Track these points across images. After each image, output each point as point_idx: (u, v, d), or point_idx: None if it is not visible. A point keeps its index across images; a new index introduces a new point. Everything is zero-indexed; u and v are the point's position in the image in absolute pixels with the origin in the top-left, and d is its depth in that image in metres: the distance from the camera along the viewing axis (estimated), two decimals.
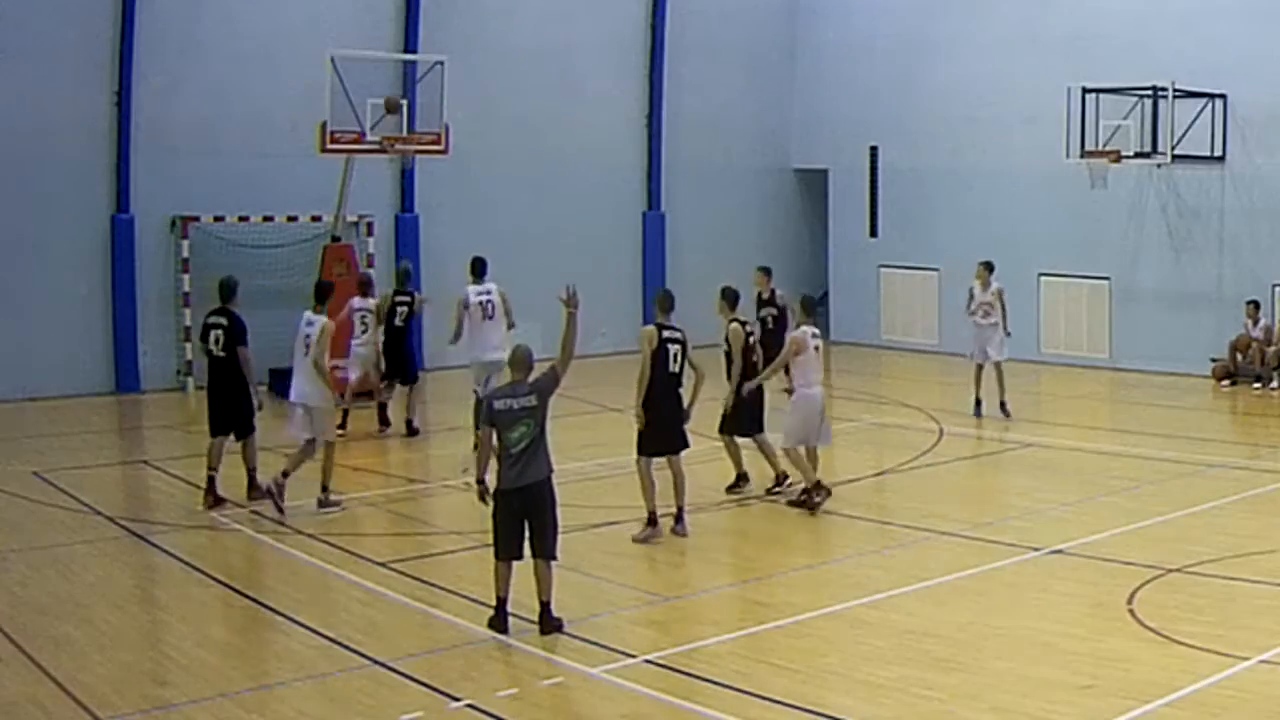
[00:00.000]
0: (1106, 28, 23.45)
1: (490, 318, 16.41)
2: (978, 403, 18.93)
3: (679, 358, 12.38)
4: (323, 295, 14.33)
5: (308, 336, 13.87)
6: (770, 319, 18.49)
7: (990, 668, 9.03)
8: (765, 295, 18.77)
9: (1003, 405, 18.78)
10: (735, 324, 13.90)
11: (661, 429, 12.36)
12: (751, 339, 14.10)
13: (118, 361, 21.52)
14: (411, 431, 18.12)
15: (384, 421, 18.46)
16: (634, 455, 12.53)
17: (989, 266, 19.37)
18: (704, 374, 12.60)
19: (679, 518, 12.53)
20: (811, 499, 13.43)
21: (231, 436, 14.09)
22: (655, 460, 12.46)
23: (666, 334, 12.34)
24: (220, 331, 13.96)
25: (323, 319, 13.94)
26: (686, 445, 12.63)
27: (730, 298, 14.13)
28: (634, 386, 12.47)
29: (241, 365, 13.86)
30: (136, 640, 9.98)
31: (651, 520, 12.36)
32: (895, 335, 27.40)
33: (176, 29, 21.52)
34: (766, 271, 19.18)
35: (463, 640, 9.71)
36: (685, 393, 12.57)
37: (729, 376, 13.78)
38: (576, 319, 10.25)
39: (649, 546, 12.26)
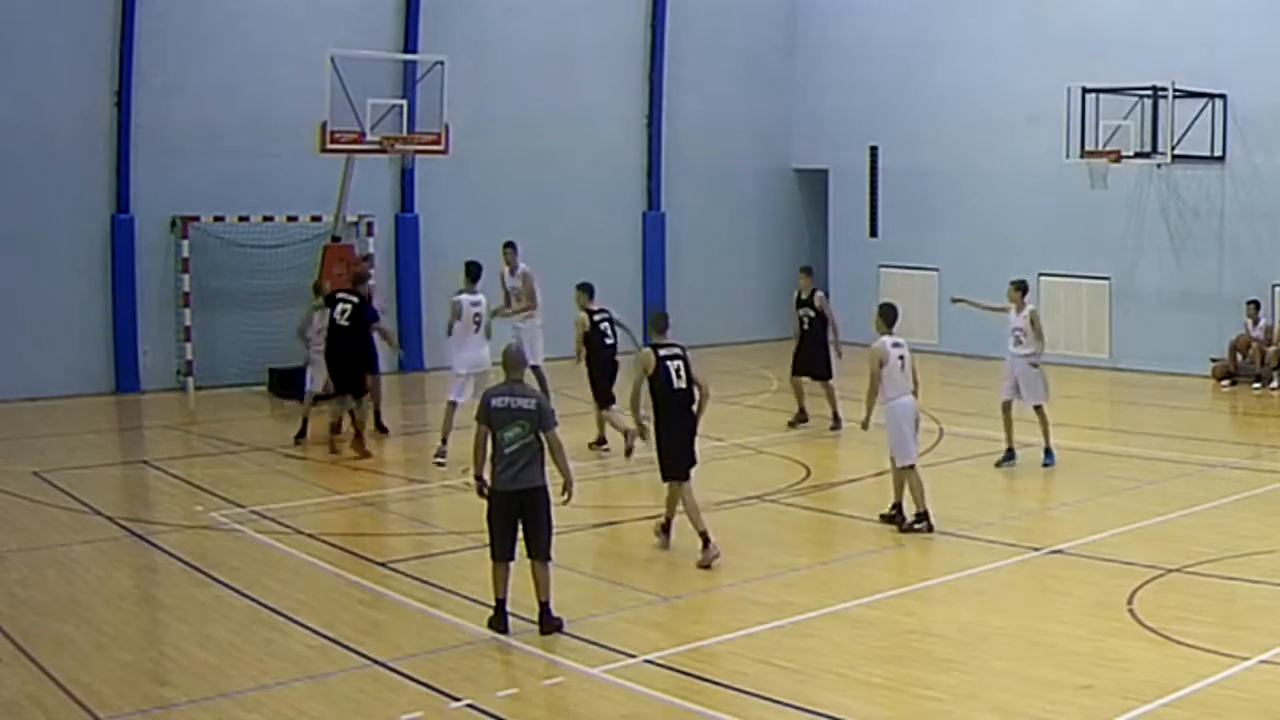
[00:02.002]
0: (1106, 28, 23.45)
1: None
2: (1009, 453, 15.66)
3: (681, 373, 11.97)
4: (476, 274, 16.36)
5: (477, 314, 15.99)
6: (807, 320, 18.42)
7: (990, 668, 9.03)
8: (804, 296, 18.52)
9: (1047, 451, 15.77)
10: (583, 313, 16.27)
11: (679, 448, 11.97)
12: (602, 326, 16.30)
13: (118, 361, 21.52)
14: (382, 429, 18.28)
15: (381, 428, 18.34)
16: (659, 475, 12.24)
17: (1020, 286, 15.97)
18: (709, 391, 12.29)
19: (705, 542, 11.74)
20: (896, 516, 12.86)
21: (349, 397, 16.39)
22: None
23: (664, 352, 11.99)
24: (349, 306, 16.38)
25: (483, 295, 16.21)
26: (694, 464, 12.18)
27: (586, 290, 16.53)
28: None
29: (374, 334, 16.66)
30: (136, 640, 9.98)
31: (666, 528, 12.21)
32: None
33: (177, 29, 21.52)
34: (807, 272, 18.97)
35: (463, 640, 9.71)
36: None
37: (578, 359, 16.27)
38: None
39: (649, 547, 12.25)
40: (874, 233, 27.93)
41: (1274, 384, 21.45)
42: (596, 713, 8.46)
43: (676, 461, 11.94)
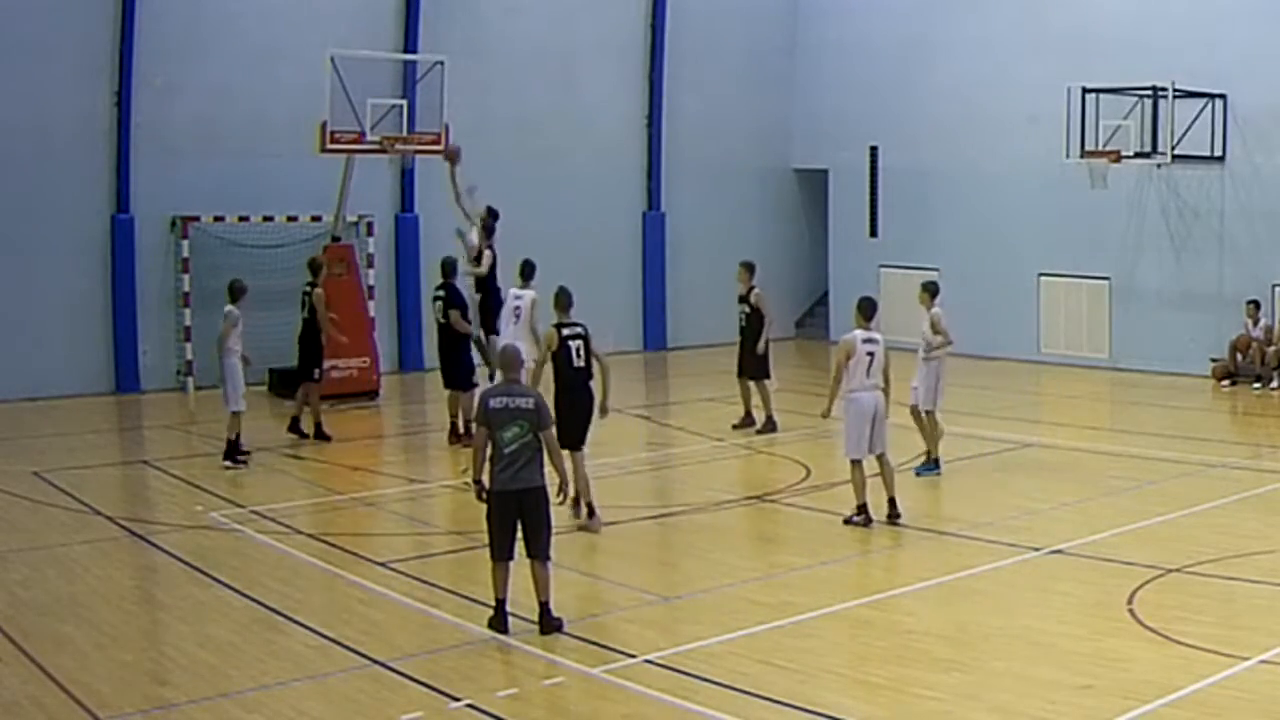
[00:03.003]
0: (1106, 28, 23.45)
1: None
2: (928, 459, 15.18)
3: (581, 352, 12.72)
4: (529, 273, 16.30)
5: (518, 308, 16.05)
6: (743, 317, 18.09)
7: (990, 668, 9.03)
8: (743, 292, 18.12)
9: (933, 461, 15.24)
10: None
11: (571, 422, 12.57)
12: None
13: (118, 361, 21.51)
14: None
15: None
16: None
17: (926, 288, 15.59)
18: (608, 365, 13.07)
19: (590, 512, 12.74)
20: (853, 517, 12.81)
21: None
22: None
23: (567, 331, 12.76)
24: (440, 301, 16.88)
25: (531, 293, 16.02)
26: (583, 442, 12.83)
27: (447, 268, 17.05)
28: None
29: (454, 326, 16.68)
30: (136, 640, 9.98)
31: (576, 501, 12.74)
32: (895, 335, 27.04)
33: (176, 29, 21.51)
34: (747, 267, 18.23)
35: (463, 640, 9.71)
36: (596, 386, 12.99)
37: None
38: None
39: (649, 547, 12.28)
40: (874, 233, 27.93)
41: (1274, 384, 21.44)
42: (596, 713, 8.45)
43: (569, 434, 12.47)
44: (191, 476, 15.48)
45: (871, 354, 12.95)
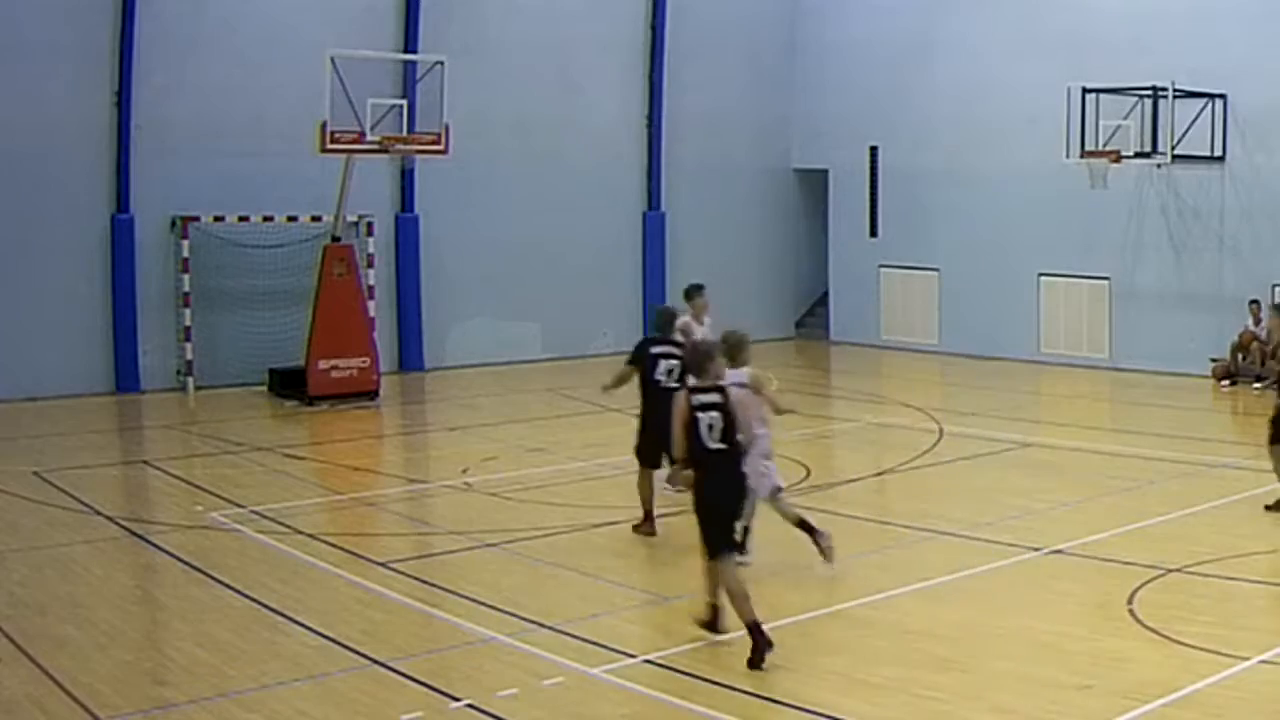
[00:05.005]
0: (1106, 28, 23.46)
1: None
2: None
3: None
4: None
5: None
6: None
7: (990, 668, 9.03)
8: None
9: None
10: None
11: None
12: None
13: (118, 361, 21.51)
14: None
15: None
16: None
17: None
18: None
19: None
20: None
21: None
22: None
23: None
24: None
25: None
26: None
27: None
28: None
29: None
30: (136, 640, 9.98)
31: None
32: (895, 335, 27.41)
33: (176, 29, 21.53)
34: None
35: (463, 640, 9.70)
36: None
37: None
38: None
39: (648, 546, 12.24)
40: (874, 233, 27.94)
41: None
42: (596, 712, 8.45)
43: None
44: (191, 476, 15.50)
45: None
